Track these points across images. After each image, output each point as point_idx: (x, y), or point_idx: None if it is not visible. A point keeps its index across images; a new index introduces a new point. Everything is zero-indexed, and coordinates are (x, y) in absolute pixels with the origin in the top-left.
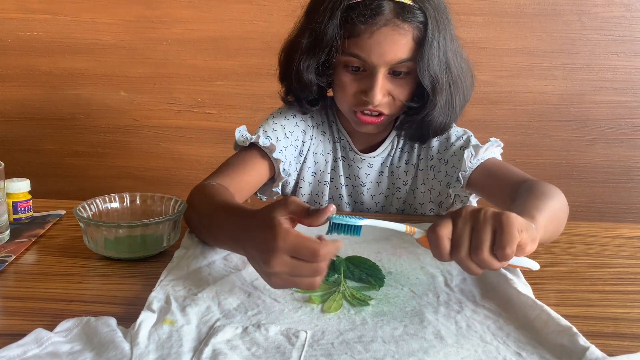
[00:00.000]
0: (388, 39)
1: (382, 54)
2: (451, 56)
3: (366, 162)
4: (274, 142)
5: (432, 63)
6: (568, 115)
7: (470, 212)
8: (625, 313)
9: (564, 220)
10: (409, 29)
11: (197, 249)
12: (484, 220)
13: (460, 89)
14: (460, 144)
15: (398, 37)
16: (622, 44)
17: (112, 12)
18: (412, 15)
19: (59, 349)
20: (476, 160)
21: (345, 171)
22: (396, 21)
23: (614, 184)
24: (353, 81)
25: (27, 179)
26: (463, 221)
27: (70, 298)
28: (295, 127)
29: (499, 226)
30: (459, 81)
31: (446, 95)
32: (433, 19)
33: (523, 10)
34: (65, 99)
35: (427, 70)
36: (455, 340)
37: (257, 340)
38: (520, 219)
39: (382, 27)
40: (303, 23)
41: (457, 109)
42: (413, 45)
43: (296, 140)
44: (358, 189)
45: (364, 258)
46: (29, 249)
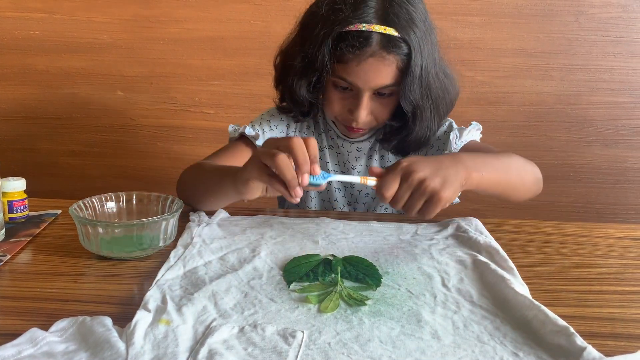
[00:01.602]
0: (373, 68)
1: (368, 81)
2: (433, 79)
3: (355, 146)
4: (259, 133)
5: (413, 90)
6: (565, 115)
7: (411, 181)
8: (622, 313)
9: (521, 177)
10: (394, 60)
11: (193, 249)
12: (420, 193)
13: (441, 107)
14: (444, 129)
15: (383, 67)
16: (619, 44)
17: (108, 11)
18: (397, 48)
19: (54, 349)
20: (460, 141)
21: (334, 159)
22: (382, 52)
23: (611, 184)
24: (341, 99)
25: (23, 178)
26: (405, 188)
27: (66, 298)
28: (280, 122)
29: (429, 199)
30: (439, 100)
31: (425, 117)
32: (417, 50)
33: (520, 10)
34: (61, 98)
35: (409, 96)
36: (452, 341)
37: (254, 340)
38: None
39: (368, 57)
40: (297, 38)
41: (437, 124)
42: (397, 73)
43: (280, 132)
44: (349, 173)
45: (361, 258)
46: (24, 248)
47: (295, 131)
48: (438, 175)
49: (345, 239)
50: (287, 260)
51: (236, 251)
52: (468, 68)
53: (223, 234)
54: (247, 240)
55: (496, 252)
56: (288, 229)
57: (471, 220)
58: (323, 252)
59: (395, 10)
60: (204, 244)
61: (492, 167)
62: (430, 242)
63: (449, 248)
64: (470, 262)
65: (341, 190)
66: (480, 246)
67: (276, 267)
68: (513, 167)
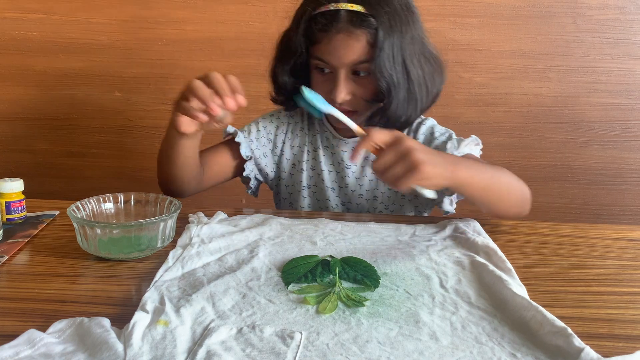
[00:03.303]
0: (343, 43)
1: (340, 57)
2: (409, 57)
3: (349, 145)
4: (245, 133)
5: (384, 65)
6: (562, 117)
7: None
8: (620, 314)
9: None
10: (362, 34)
11: (192, 250)
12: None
13: (420, 92)
14: (443, 140)
15: (352, 42)
16: (616, 46)
17: (107, 12)
18: (365, 22)
19: (51, 350)
20: (457, 152)
21: (329, 158)
22: (350, 28)
23: (608, 185)
24: (322, 82)
25: (21, 179)
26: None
27: (64, 299)
28: (269, 123)
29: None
30: (420, 80)
31: (403, 94)
32: (385, 24)
33: (518, 12)
34: (59, 99)
35: (381, 71)
36: (450, 342)
37: (252, 341)
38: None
39: (337, 33)
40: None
41: (419, 104)
42: (369, 49)
43: (269, 133)
44: (343, 173)
45: (359, 259)
46: (22, 249)
47: (286, 133)
48: (427, 153)
49: (343, 240)
50: (286, 261)
51: (234, 252)
52: (466, 69)
53: (222, 233)
54: (245, 241)
55: (494, 253)
56: (286, 230)
57: (469, 221)
58: (321, 253)
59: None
60: (203, 244)
61: (482, 173)
62: (428, 243)
63: (447, 249)
64: (468, 263)
65: (335, 190)
66: (478, 247)
67: (274, 268)
68: (503, 180)
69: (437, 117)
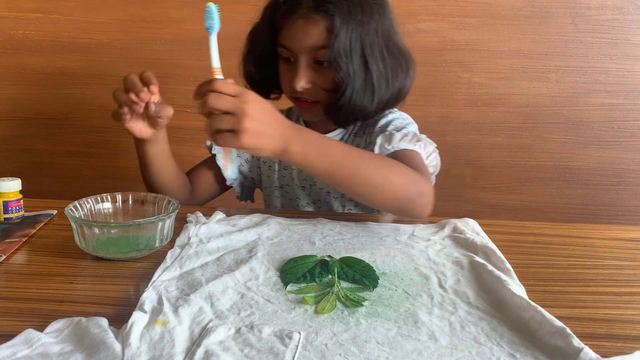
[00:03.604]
0: (302, 28)
1: (299, 42)
2: (369, 49)
3: None
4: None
5: (340, 52)
6: (561, 117)
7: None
8: (619, 314)
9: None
10: (321, 20)
11: (190, 250)
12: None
13: (382, 80)
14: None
15: (310, 27)
16: (615, 46)
17: (105, 12)
18: (323, 8)
19: (49, 350)
20: (390, 146)
21: None
22: (309, 13)
23: (607, 186)
24: (287, 71)
25: (18, 179)
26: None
27: (61, 298)
28: None
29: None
30: (379, 73)
31: (360, 84)
32: (343, 11)
33: (517, 12)
34: (57, 99)
35: (335, 57)
36: (449, 342)
37: (250, 341)
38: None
39: (297, 19)
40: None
41: (377, 97)
42: (327, 34)
43: None
44: None
45: (358, 259)
46: (19, 248)
47: None
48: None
49: (342, 240)
50: (284, 261)
51: (233, 252)
52: (465, 69)
53: (220, 233)
54: (244, 241)
55: (493, 253)
56: (285, 230)
57: (468, 221)
58: (320, 253)
59: None
60: (201, 244)
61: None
62: (427, 243)
63: (445, 249)
64: (467, 263)
65: (305, 189)
66: (477, 247)
67: (273, 268)
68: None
69: (436, 117)
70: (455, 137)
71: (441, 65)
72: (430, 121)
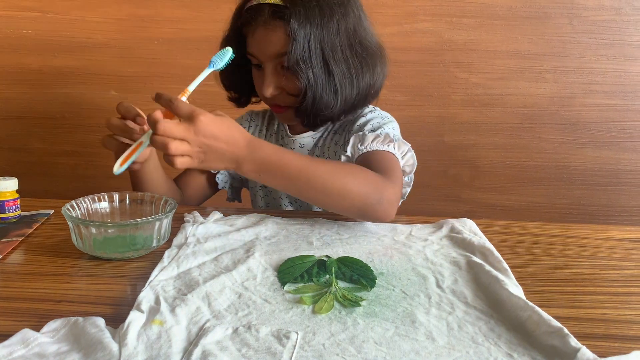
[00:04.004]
0: (263, 36)
1: (262, 50)
2: (329, 50)
3: (297, 143)
4: None
5: (298, 56)
6: (558, 117)
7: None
8: (616, 315)
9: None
10: (280, 26)
11: (187, 250)
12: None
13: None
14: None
15: (270, 34)
16: (612, 47)
17: (103, 11)
18: (280, 14)
19: (45, 350)
20: (362, 147)
21: None
22: (269, 20)
23: (604, 186)
24: (258, 77)
25: (15, 178)
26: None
27: (58, 298)
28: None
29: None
30: (342, 74)
31: (323, 86)
32: (300, 15)
33: (514, 13)
34: (55, 98)
35: (295, 62)
36: (446, 342)
37: (248, 341)
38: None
39: (258, 27)
40: None
41: (341, 97)
42: (287, 40)
43: None
44: None
45: (356, 259)
46: (16, 248)
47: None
48: (209, 146)
49: (339, 240)
50: (282, 261)
51: (230, 252)
52: (462, 70)
53: (218, 232)
54: (241, 241)
55: (490, 253)
56: (282, 230)
57: (465, 221)
58: (317, 253)
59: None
60: (198, 243)
61: (283, 171)
62: (424, 243)
63: (443, 249)
64: (464, 263)
65: None
66: (475, 247)
67: (270, 268)
68: (320, 182)
69: (434, 117)
70: (452, 137)
71: (438, 65)
72: (427, 121)
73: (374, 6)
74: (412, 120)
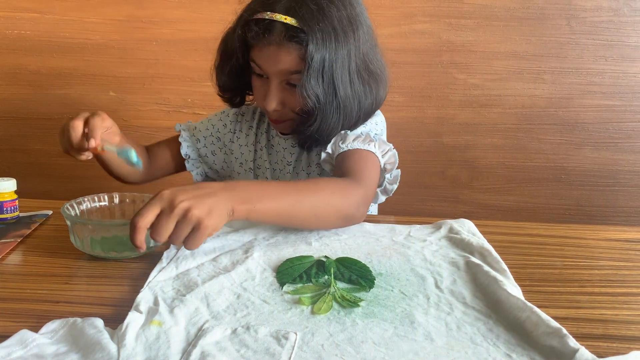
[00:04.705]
0: (274, 54)
1: (271, 66)
2: (339, 74)
3: (289, 142)
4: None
5: (310, 81)
6: (556, 118)
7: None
8: (614, 315)
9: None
10: (294, 48)
11: (186, 250)
12: (186, 223)
13: (352, 103)
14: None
15: (282, 54)
16: (610, 48)
17: (101, 12)
18: (296, 37)
19: (44, 351)
20: (344, 145)
21: (273, 157)
22: (282, 40)
23: (602, 187)
24: (259, 86)
25: (14, 179)
26: (171, 218)
27: (57, 299)
28: (218, 121)
29: (195, 228)
30: (349, 97)
31: (328, 114)
32: (317, 41)
33: (513, 14)
34: (53, 99)
35: (305, 86)
36: (445, 342)
37: (246, 341)
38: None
39: (269, 45)
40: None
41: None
42: (299, 61)
43: (217, 132)
44: (285, 169)
45: (354, 259)
46: (14, 249)
47: (234, 132)
48: (203, 203)
49: (338, 241)
50: (280, 262)
51: (229, 252)
52: (460, 71)
53: (216, 233)
54: (240, 242)
55: (489, 253)
56: (281, 230)
57: (464, 222)
58: (316, 254)
59: (303, 2)
60: None
61: (271, 199)
62: (423, 243)
63: (441, 250)
64: (463, 263)
65: None
66: (473, 248)
67: (269, 269)
68: (307, 200)
69: (432, 118)
70: (451, 138)
71: (437, 66)
72: (426, 122)
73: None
74: (410, 121)
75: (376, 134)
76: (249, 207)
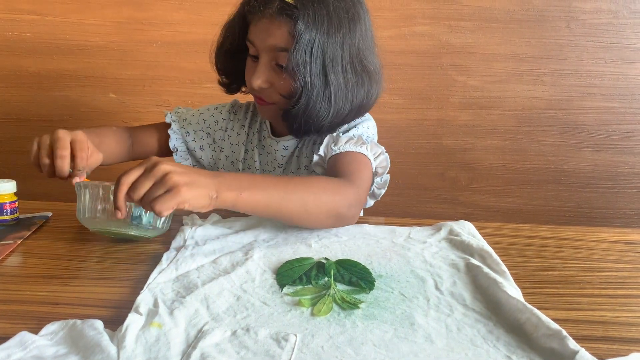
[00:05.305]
0: (265, 28)
1: (262, 39)
2: (331, 61)
3: (281, 145)
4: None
5: (298, 58)
6: (556, 120)
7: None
8: (614, 317)
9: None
10: (285, 22)
11: (186, 252)
12: (162, 184)
13: (341, 95)
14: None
15: (274, 28)
16: (609, 50)
17: (101, 14)
18: (288, 12)
19: (43, 353)
20: (336, 148)
21: (264, 158)
22: (275, 15)
23: (602, 189)
24: (250, 67)
25: (14, 180)
26: (149, 177)
27: (56, 301)
28: (210, 117)
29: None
30: (339, 87)
31: (317, 95)
32: (308, 18)
33: (512, 16)
34: (53, 101)
35: (294, 63)
36: (445, 344)
37: (246, 343)
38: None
39: (264, 18)
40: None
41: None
42: (288, 38)
43: (208, 127)
44: (275, 171)
45: (354, 261)
46: (14, 251)
47: (226, 130)
48: (186, 175)
49: (338, 242)
50: (280, 264)
51: (229, 254)
52: (460, 73)
53: (216, 235)
54: (240, 243)
55: (489, 255)
56: (281, 232)
57: (464, 223)
58: (316, 255)
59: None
60: (197, 246)
61: (260, 190)
62: (423, 245)
63: (441, 251)
64: (463, 265)
65: None
66: (473, 249)
67: (269, 270)
68: (298, 195)
69: (431, 120)
70: (450, 140)
71: (437, 68)
72: (425, 124)
73: (373, 10)
74: (410, 123)
75: (368, 136)
76: (236, 195)
